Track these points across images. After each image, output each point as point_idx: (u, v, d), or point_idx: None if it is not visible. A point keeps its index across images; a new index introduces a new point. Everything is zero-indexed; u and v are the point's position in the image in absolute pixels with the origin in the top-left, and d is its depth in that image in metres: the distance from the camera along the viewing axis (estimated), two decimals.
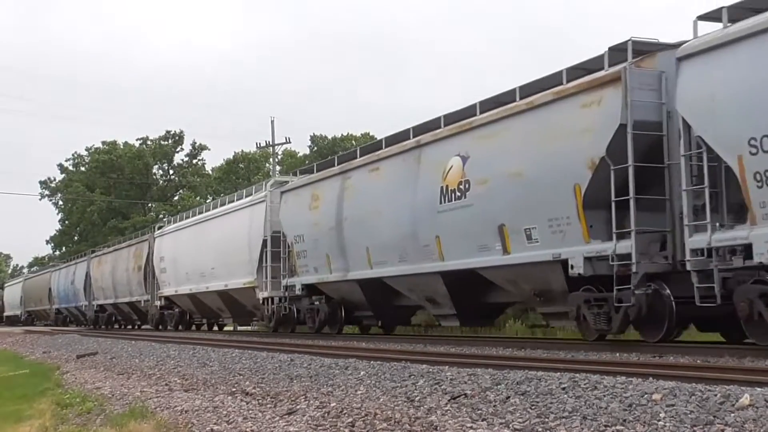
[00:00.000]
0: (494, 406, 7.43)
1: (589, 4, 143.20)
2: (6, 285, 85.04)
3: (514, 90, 15.05)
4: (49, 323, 60.14)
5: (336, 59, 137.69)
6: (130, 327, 43.92)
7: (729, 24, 11.77)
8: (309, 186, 22.04)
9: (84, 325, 49.12)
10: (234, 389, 10.78)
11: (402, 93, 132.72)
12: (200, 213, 31.94)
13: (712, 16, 12.03)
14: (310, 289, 22.01)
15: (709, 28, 12.02)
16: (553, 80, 14.32)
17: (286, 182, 24.34)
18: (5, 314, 78.24)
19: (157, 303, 35.32)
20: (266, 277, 24.20)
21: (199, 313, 32.53)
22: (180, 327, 34.27)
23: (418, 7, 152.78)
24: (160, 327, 35.86)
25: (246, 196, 27.18)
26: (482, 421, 6.93)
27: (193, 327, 35.15)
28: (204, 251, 29.33)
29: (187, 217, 33.59)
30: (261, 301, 24.80)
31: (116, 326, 45.44)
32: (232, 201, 28.53)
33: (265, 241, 24.16)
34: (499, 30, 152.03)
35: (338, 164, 21.04)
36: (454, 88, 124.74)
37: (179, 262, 32.03)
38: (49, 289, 57.74)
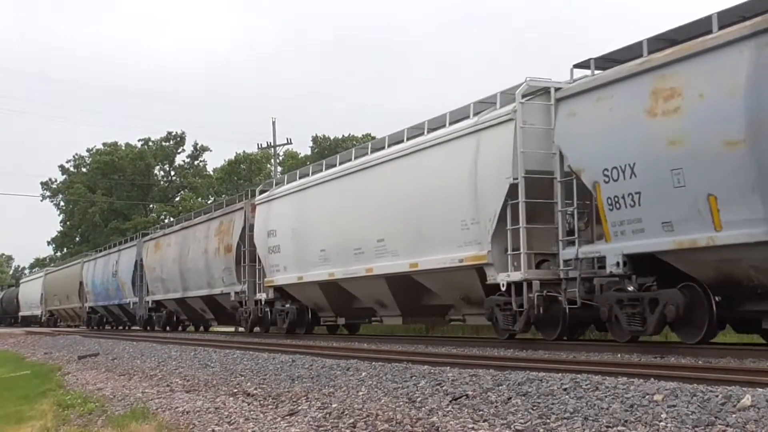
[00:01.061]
0: (496, 406, 7.43)
1: (589, 3, 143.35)
2: (23, 281, 74.94)
3: None
4: (78, 325, 50.46)
5: (336, 62, 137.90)
6: (192, 328, 35.41)
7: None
8: (642, 77, 12.08)
9: (127, 327, 42.13)
10: (235, 390, 10.79)
11: (401, 94, 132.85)
12: (343, 162, 20.84)
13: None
14: (636, 265, 12.39)
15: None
16: None
17: (545, 89, 14.42)
18: (21, 314, 69.20)
19: (261, 296, 24.73)
20: (518, 248, 14.21)
21: (335, 308, 22.12)
22: (295, 329, 23.53)
23: (415, 9, 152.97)
24: (257, 329, 26.39)
25: (451, 123, 16.59)
26: (484, 422, 6.93)
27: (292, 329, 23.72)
28: (361, 215, 19.01)
29: (315, 171, 22.25)
30: (502, 287, 14.65)
31: (174, 328, 35.42)
32: (420, 131, 17.73)
33: (513, 188, 14.31)
34: (497, 30, 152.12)
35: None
36: (453, 88, 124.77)
37: (307, 234, 21.61)
38: (80, 284, 47.63)
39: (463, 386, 8.56)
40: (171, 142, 77.68)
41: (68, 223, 79.18)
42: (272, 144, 54.64)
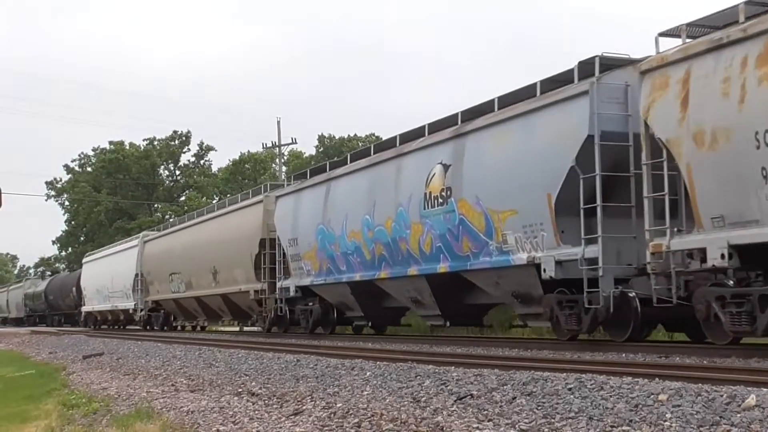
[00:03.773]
0: (500, 406, 7.43)
1: (578, 13, 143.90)
2: (88, 259, 47.08)
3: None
4: (251, 325, 28.11)
5: (339, 64, 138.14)
6: None
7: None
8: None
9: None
10: (240, 390, 10.79)
11: (402, 95, 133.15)
12: None
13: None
14: None
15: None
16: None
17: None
18: (85, 309, 45.57)
19: None
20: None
21: None
22: None
23: (413, 15, 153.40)
24: None
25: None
26: (488, 421, 6.93)
27: None
28: None
29: None
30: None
31: None
32: None
33: None
34: (492, 37, 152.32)
35: None
36: (452, 89, 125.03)
37: None
38: (262, 244, 24.29)
39: (467, 386, 8.56)
40: (176, 142, 77.70)
41: (73, 222, 79.16)
42: (277, 144, 54.67)
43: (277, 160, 60.36)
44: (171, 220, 37.79)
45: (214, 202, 52.70)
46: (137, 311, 35.71)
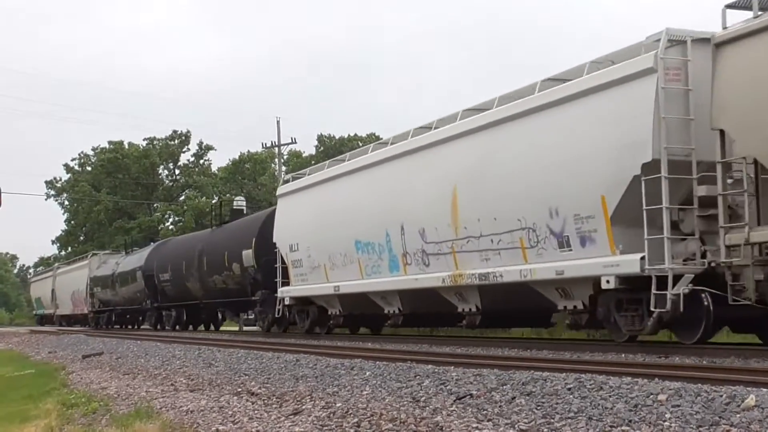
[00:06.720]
0: (500, 406, 7.43)
1: (564, 16, 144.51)
2: (317, 177, 21.19)
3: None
4: None
5: (336, 64, 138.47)
6: None
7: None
8: None
9: None
10: (239, 389, 10.79)
11: (396, 96, 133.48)
12: None
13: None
14: None
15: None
16: None
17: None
18: (291, 292, 21.89)
19: None
20: None
21: None
22: None
23: (403, 22, 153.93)
24: None
25: None
26: (488, 421, 6.93)
27: None
28: None
29: None
30: None
31: None
32: None
33: None
34: (487, 32, 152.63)
35: None
36: (451, 87, 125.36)
37: None
38: None
39: (467, 386, 8.56)
40: (176, 141, 77.59)
41: (72, 222, 79.04)
42: (277, 143, 54.63)
43: (277, 159, 60.32)
44: None
45: (213, 202, 52.29)
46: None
